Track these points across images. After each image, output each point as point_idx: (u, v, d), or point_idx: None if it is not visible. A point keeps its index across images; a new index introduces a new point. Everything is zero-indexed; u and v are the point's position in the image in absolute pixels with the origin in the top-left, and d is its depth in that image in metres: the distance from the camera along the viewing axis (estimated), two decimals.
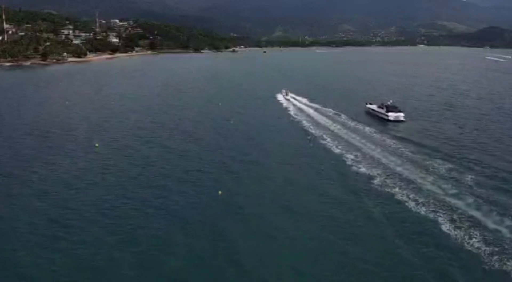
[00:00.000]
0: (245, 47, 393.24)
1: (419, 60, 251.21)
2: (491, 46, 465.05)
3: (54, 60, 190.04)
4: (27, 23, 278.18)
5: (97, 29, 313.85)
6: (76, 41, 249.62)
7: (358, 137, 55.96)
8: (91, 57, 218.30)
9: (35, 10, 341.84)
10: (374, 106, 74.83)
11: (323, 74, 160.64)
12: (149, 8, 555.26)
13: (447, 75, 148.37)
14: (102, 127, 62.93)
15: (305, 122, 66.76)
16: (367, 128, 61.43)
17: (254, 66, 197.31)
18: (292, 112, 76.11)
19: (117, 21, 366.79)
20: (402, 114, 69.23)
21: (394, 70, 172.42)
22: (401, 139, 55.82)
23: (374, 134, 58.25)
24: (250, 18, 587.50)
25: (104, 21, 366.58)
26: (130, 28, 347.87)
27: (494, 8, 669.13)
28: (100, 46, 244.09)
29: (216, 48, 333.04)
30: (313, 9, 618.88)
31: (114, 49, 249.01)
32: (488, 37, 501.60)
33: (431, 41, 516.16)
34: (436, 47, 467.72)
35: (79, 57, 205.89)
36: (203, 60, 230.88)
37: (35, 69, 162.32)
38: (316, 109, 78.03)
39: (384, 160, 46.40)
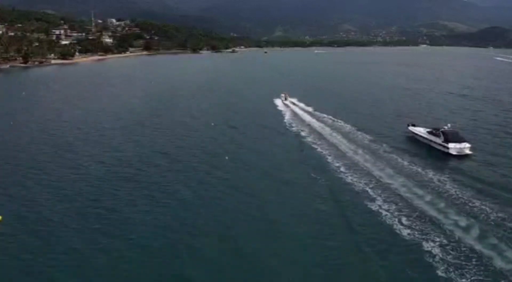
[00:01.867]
0: (245, 47, 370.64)
1: (427, 61, 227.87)
2: (494, 46, 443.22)
3: (36, 63, 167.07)
4: (21, 23, 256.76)
5: (93, 29, 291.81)
6: (65, 42, 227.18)
7: (418, 191, 34.09)
8: (79, 58, 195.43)
9: (29, 10, 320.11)
10: (422, 131, 51.95)
11: (330, 77, 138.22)
12: (149, 8, 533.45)
13: (472, 81, 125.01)
14: (32, 173, 39.81)
15: (320, 150, 46.57)
16: (427, 172, 38.86)
17: (255, 68, 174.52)
18: (299, 132, 55.60)
19: (113, 20, 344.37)
20: (467, 145, 46.41)
21: (407, 73, 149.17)
22: (484, 191, 34.11)
23: (441, 184, 35.93)
24: (250, 18, 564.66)
25: (100, 21, 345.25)
26: (127, 28, 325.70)
27: (494, 8, 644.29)
28: (91, 46, 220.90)
29: (215, 48, 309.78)
30: (313, 9, 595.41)
31: (106, 50, 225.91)
32: (490, 37, 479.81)
33: (433, 41, 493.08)
34: (439, 47, 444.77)
35: (65, 58, 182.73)
36: (200, 62, 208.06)
37: (10, 73, 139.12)
38: (328, 125, 57.97)
39: (491, 260, 24.35)
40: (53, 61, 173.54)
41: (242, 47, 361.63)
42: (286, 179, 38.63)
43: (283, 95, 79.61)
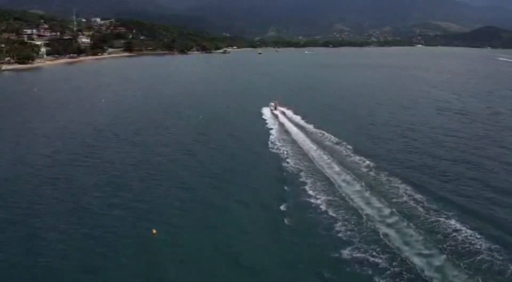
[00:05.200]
0: (238, 47, 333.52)
1: (436, 64, 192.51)
2: (491, 47, 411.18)
3: None
4: None
5: (75, 28, 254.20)
6: (38, 42, 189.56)
7: None
8: (44, 62, 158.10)
9: (9, 9, 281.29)
10: None
11: (336, 86, 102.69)
12: (141, 8, 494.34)
13: None
14: None
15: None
16: None
17: (247, 75, 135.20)
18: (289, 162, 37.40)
19: (98, 19, 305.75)
20: None
21: (431, 82, 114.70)
22: None
23: None
24: (243, 18, 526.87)
25: (84, 20, 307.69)
26: (112, 27, 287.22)
27: (486, 8, 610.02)
28: (62, 47, 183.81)
29: (205, 49, 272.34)
30: (306, 9, 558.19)
31: (79, 51, 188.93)
32: (485, 37, 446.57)
33: (427, 41, 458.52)
34: (434, 48, 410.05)
35: (23, 63, 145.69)
36: (185, 65, 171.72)
37: None
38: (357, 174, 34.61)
39: None
40: (5, 67, 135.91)
41: (234, 47, 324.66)
42: None
43: (272, 104, 64.67)
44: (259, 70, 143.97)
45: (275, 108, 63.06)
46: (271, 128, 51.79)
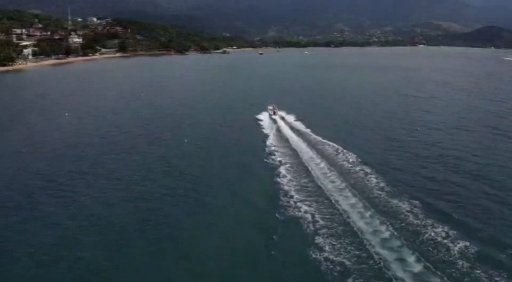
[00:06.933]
0: (238, 47, 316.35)
1: (446, 65, 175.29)
2: (494, 46, 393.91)
3: None
4: None
5: (69, 28, 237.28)
6: (26, 42, 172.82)
7: None
8: (26, 63, 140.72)
9: (3, 9, 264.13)
10: None
11: (359, 92, 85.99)
12: (140, 8, 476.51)
13: None
14: None
15: None
16: None
17: (247, 77, 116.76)
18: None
19: (94, 19, 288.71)
20: None
21: (450, 85, 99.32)
22: None
23: None
24: (243, 18, 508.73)
25: (80, 19, 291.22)
26: (109, 27, 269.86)
27: (487, 7, 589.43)
28: (49, 48, 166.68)
29: (204, 49, 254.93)
30: (306, 9, 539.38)
31: (68, 52, 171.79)
32: (487, 37, 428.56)
33: (429, 41, 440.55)
34: (437, 48, 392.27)
35: (4, 65, 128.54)
36: (180, 66, 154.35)
37: None
38: None
39: None
40: None
41: (234, 47, 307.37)
42: None
43: (270, 107, 57.70)
44: (260, 73, 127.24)
45: (274, 113, 56.08)
46: (270, 140, 43.48)
